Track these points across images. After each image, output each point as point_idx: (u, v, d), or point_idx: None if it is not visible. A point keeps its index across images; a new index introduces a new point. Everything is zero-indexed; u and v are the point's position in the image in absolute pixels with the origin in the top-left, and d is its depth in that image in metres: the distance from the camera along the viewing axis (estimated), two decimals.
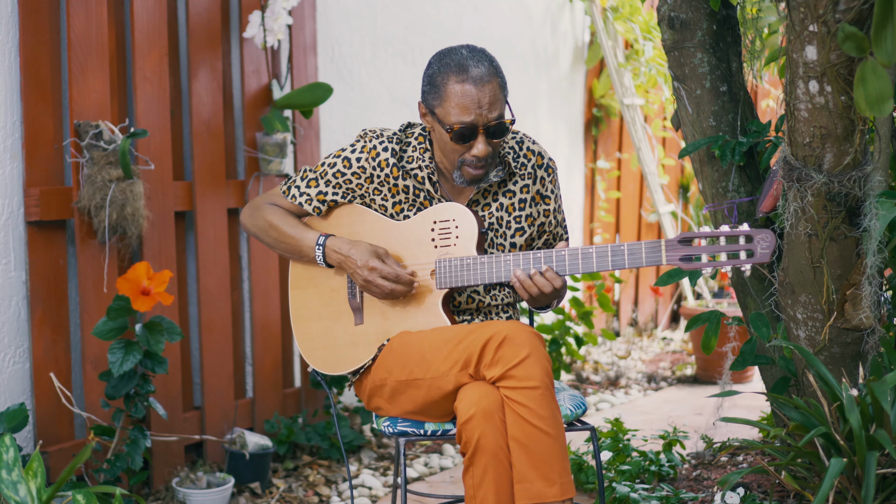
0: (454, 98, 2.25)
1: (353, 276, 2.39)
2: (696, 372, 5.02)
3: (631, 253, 2.20)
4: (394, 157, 2.39)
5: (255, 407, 3.60)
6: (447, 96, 2.26)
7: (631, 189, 6.03)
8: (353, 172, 2.42)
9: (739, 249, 2.15)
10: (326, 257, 2.42)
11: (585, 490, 3.15)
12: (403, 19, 4.32)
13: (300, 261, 2.51)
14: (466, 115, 2.25)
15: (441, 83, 2.28)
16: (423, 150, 2.41)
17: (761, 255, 2.13)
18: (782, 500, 2.60)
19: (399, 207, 2.42)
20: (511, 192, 2.44)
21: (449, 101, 2.26)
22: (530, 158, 2.47)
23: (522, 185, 2.45)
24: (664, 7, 2.83)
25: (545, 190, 2.49)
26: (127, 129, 3.12)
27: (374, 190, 2.42)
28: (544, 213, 2.49)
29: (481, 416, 2.11)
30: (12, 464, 2.06)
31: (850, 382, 2.53)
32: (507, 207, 2.44)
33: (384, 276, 2.33)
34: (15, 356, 2.88)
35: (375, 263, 2.33)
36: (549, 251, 2.27)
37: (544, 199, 2.49)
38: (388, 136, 2.42)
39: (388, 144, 2.40)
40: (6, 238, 2.85)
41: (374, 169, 2.40)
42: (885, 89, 1.99)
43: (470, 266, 2.32)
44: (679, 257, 2.16)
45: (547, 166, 2.49)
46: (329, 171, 2.44)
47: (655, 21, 4.35)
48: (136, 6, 3.12)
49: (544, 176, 2.48)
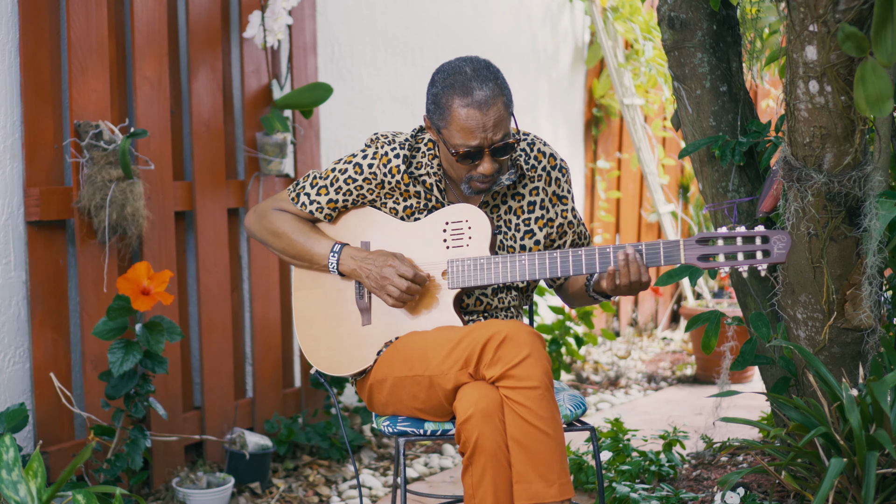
0: (459, 121, 2.24)
1: (367, 279, 2.38)
2: (696, 372, 5.02)
3: (648, 252, 2.22)
4: (405, 163, 2.39)
5: (255, 407, 3.60)
6: (452, 119, 2.25)
7: (631, 189, 6.03)
8: (365, 178, 2.41)
9: (756, 250, 2.19)
10: (340, 265, 2.42)
11: (585, 490, 3.15)
12: (403, 19, 4.32)
13: (310, 268, 2.50)
14: (472, 139, 2.24)
15: (445, 104, 2.26)
16: (432, 156, 2.40)
17: (778, 256, 2.17)
18: (782, 500, 2.60)
19: (410, 211, 2.42)
20: (520, 196, 2.44)
21: (454, 125, 2.25)
22: (541, 160, 2.46)
23: (532, 188, 2.45)
24: (664, 7, 2.84)
25: (561, 190, 2.49)
26: (127, 129, 3.12)
27: (386, 195, 2.42)
28: (562, 213, 2.49)
29: (480, 416, 2.11)
30: (12, 464, 2.06)
31: (850, 382, 2.53)
32: (516, 210, 2.44)
33: (401, 275, 2.33)
34: (15, 356, 2.88)
35: (393, 262, 2.34)
36: (566, 251, 2.28)
37: (561, 200, 2.49)
38: (400, 142, 2.41)
39: (399, 151, 2.39)
40: (6, 238, 2.85)
41: (386, 175, 2.40)
42: (885, 89, 1.99)
43: (483, 266, 2.32)
44: (697, 256, 2.20)
45: (560, 167, 2.49)
46: (340, 178, 2.43)
47: (655, 21, 4.35)
48: (136, 6, 3.12)
49: (559, 177, 2.48)
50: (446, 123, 2.26)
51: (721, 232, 2.22)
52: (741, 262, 2.20)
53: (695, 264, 2.21)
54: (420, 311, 2.38)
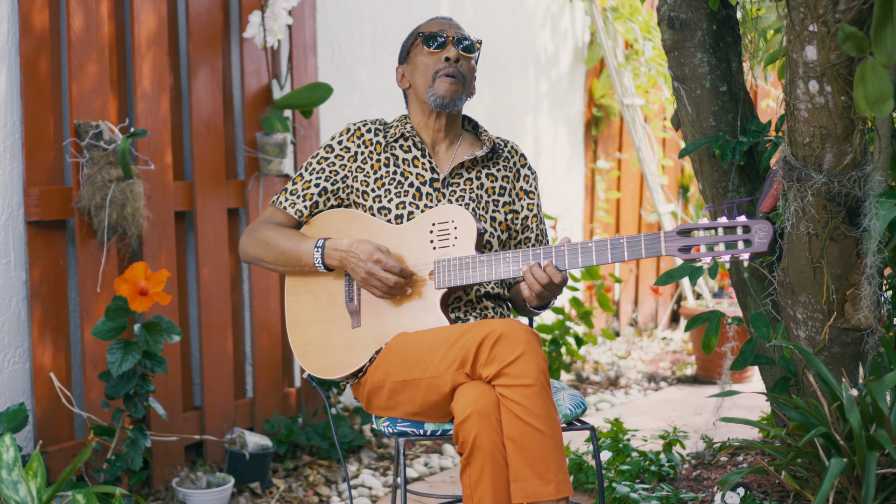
0: (423, 27, 2.53)
1: (354, 270, 2.38)
2: (696, 372, 5.02)
3: (630, 245, 2.20)
4: (377, 135, 2.53)
5: (255, 407, 3.60)
6: (417, 30, 2.53)
7: (631, 189, 6.03)
8: (337, 155, 2.52)
9: (737, 240, 2.15)
10: (326, 258, 2.42)
11: (585, 490, 3.15)
12: (403, 19, 4.32)
13: (301, 272, 2.51)
14: (436, 28, 2.50)
15: (411, 32, 2.57)
16: (404, 122, 2.57)
17: (759, 245, 2.13)
18: (782, 500, 2.60)
19: (380, 182, 2.48)
20: (493, 177, 2.56)
21: (422, 29, 2.53)
22: (513, 156, 2.61)
23: (504, 175, 2.57)
24: (664, 7, 2.84)
25: (529, 187, 2.61)
26: (127, 129, 3.12)
27: (357, 168, 2.50)
28: (528, 206, 2.59)
29: (477, 415, 2.11)
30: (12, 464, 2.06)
31: (850, 382, 2.53)
32: (487, 189, 2.54)
33: (388, 269, 2.34)
34: (15, 356, 2.88)
35: (379, 256, 2.34)
36: (549, 247, 2.28)
37: (528, 195, 2.60)
38: (372, 120, 2.58)
39: (371, 126, 2.55)
40: (6, 238, 2.85)
41: (359, 147, 2.52)
42: (884, 89, 1.99)
43: (468, 265, 2.33)
44: (678, 248, 2.17)
45: (529, 167, 2.63)
46: (313, 161, 2.54)
47: (655, 21, 4.35)
48: (136, 6, 3.13)
49: (528, 174, 2.62)
50: (414, 37, 2.53)
51: (702, 223, 2.19)
52: (722, 251, 2.15)
53: (676, 256, 2.19)
54: (408, 311, 2.39)
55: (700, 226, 2.18)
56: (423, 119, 2.55)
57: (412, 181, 2.48)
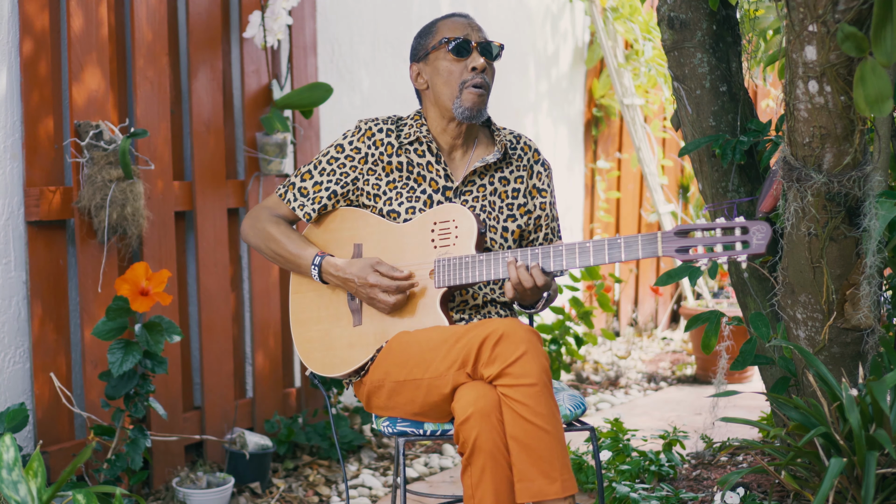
0: (444, 27, 2.44)
1: (357, 293, 2.41)
2: (696, 372, 5.02)
3: (627, 245, 2.19)
4: (389, 136, 2.47)
5: (255, 407, 3.60)
6: (437, 30, 2.45)
7: (631, 189, 6.03)
8: (347, 156, 2.47)
9: (735, 241, 2.13)
10: (324, 276, 2.44)
11: (585, 490, 3.15)
12: (403, 19, 4.32)
13: (299, 274, 2.53)
14: (460, 32, 2.42)
15: (429, 29, 2.47)
16: (420, 124, 2.49)
17: (757, 246, 2.11)
18: (782, 500, 2.60)
19: (392, 185, 2.45)
20: (506, 180, 2.52)
21: (440, 32, 2.44)
22: (526, 152, 2.56)
23: (517, 176, 2.53)
24: (664, 7, 2.84)
25: (541, 184, 2.56)
26: (127, 129, 3.12)
27: (369, 170, 2.46)
28: (541, 205, 2.55)
29: (478, 416, 2.11)
30: (12, 464, 2.06)
31: (850, 382, 2.53)
32: (500, 194, 2.50)
33: (385, 290, 2.35)
34: (15, 356, 2.88)
35: (374, 279, 2.35)
36: (547, 247, 2.27)
37: (541, 193, 2.56)
38: (384, 119, 2.51)
39: (383, 126, 2.49)
40: (6, 238, 2.85)
41: (370, 148, 2.46)
42: (884, 89, 1.99)
43: (468, 264, 2.33)
44: (675, 249, 2.15)
45: (543, 162, 2.58)
46: (323, 160, 2.49)
47: (655, 21, 4.35)
48: (136, 6, 3.13)
49: (541, 171, 2.57)
50: (432, 37, 2.45)
51: (699, 224, 2.17)
52: (720, 253, 2.13)
53: (673, 256, 2.18)
54: (409, 310, 2.40)
55: (698, 226, 2.17)
56: (441, 124, 2.50)
57: (425, 188, 2.46)
